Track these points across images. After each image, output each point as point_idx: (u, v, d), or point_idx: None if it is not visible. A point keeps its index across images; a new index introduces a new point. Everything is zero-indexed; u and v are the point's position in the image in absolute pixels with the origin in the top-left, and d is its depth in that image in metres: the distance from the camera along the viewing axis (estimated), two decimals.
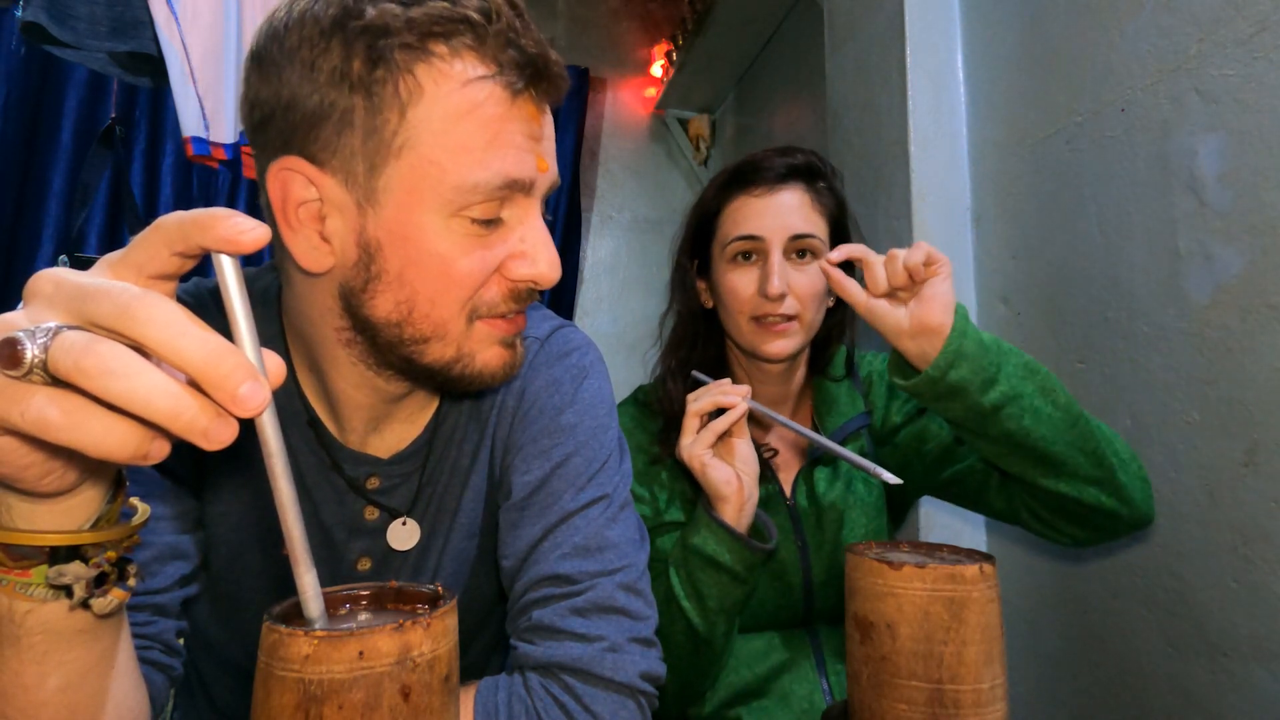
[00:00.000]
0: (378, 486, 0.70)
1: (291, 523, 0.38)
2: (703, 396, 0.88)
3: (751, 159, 1.02)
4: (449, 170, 0.54)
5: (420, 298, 0.57)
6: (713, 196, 1.05)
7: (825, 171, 1.03)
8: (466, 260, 0.57)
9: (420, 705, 0.38)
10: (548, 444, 0.70)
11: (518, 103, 0.56)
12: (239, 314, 0.34)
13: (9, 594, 0.40)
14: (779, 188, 1.00)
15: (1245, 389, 0.91)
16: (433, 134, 0.53)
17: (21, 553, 0.39)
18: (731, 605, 0.86)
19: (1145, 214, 1.05)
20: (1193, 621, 0.98)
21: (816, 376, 1.11)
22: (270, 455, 0.37)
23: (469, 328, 0.60)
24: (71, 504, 0.39)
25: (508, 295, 0.60)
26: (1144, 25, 1.06)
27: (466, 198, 0.55)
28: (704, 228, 1.07)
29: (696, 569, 0.86)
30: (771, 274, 0.96)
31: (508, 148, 0.55)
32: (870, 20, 1.53)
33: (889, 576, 0.53)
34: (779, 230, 0.98)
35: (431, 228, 0.55)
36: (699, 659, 0.88)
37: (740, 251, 1.00)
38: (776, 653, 0.98)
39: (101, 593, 0.41)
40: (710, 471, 0.86)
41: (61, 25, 1.55)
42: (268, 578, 0.67)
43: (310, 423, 0.68)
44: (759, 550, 0.85)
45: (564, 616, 0.62)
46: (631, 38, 3.39)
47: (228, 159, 1.72)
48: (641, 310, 3.40)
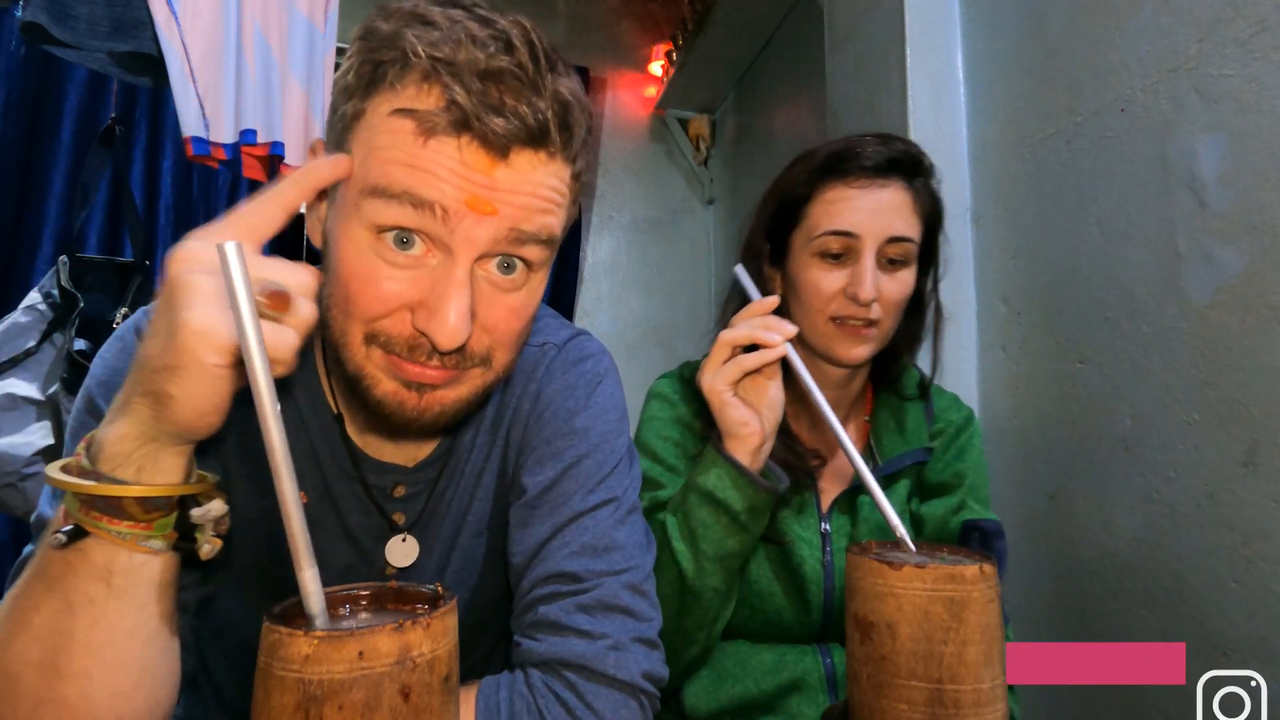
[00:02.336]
0: (404, 494, 0.71)
1: (293, 521, 0.38)
2: (739, 326, 0.79)
3: (850, 145, 0.92)
4: (360, 176, 0.55)
5: (335, 303, 0.58)
6: (803, 180, 0.94)
7: (926, 167, 0.95)
8: (366, 278, 0.55)
9: (420, 705, 0.38)
10: (560, 446, 0.71)
11: (441, 142, 0.53)
12: (241, 298, 0.38)
13: (130, 548, 0.47)
14: (880, 182, 0.90)
15: (1245, 389, 0.91)
16: (359, 139, 0.56)
17: (154, 505, 0.46)
18: (727, 554, 0.80)
19: (1145, 214, 1.05)
20: (1193, 621, 0.98)
21: (882, 390, 1.03)
22: (273, 451, 0.37)
23: (367, 349, 0.57)
24: (187, 459, 0.48)
25: (406, 340, 0.56)
26: (1144, 25, 1.06)
27: (370, 200, 0.54)
28: (787, 213, 0.96)
29: (695, 506, 0.80)
30: (864, 277, 0.88)
31: (420, 171, 0.53)
32: (870, 20, 1.53)
33: (889, 576, 0.53)
34: (877, 230, 0.89)
35: (346, 232, 0.56)
36: (684, 617, 0.81)
37: (831, 248, 0.91)
38: (787, 670, 0.92)
39: (208, 537, 0.50)
40: (729, 410, 0.79)
41: (61, 25, 1.55)
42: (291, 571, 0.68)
43: (340, 435, 0.69)
44: (765, 488, 0.79)
45: (569, 613, 0.63)
46: (631, 38, 3.39)
47: (228, 159, 1.72)
48: (641, 310, 3.40)
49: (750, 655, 0.93)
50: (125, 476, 0.45)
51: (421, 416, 0.59)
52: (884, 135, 0.94)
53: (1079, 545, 1.18)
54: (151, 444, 0.46)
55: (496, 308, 0.58)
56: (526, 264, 0.58)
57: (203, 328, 0.41)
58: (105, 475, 0.45)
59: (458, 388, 0.60)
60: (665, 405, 1.01)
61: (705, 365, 0.81)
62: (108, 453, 0.45)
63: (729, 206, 3.36)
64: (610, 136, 3.38)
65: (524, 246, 0.57)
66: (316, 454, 0.68)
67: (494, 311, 0.58)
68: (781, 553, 0.93)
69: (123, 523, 0.46)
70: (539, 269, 0.60)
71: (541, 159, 0.56)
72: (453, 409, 0.60)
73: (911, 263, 0.93)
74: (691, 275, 3.48)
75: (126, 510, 0.45)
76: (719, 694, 0.91)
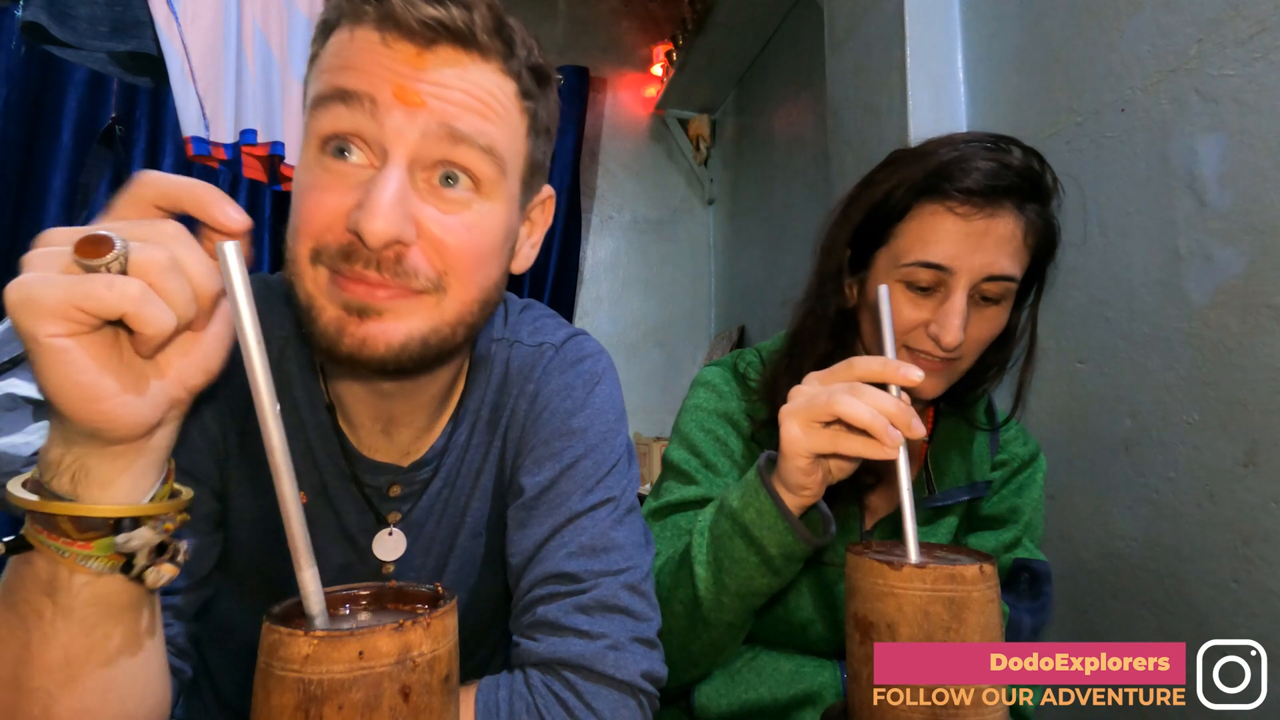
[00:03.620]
0: (400, 494, 0.71)
1: (292, 521, 0.38)
2: (861, 408, 0.61)
3: (958, 160, 0.78)
4: (307, 100, 0.58)
5: (290, 232, 0.58)
6: (900, 194, 0.81)
7: (1045, 188, 0.81)
8: (310, 193, 0.56)
9: (420, 705, 0.38)
10: (558, 446, 0.71)
11: (368, 38, 0.55)
12: (240, 297, 0.37)
13: (70, 566, 0.43)
14: (990, 210, 0.77)
15: (1245, 389, 0.91)
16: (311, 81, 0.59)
17: (89, 524, 0.42)
18: (749, 593, 0.72)
19: (1145, 214, 1.05)
20: (1193, 622, 0.97)
21: (950, 413, 0.94)
22: (273, 451, 0.37)
23: (314, 271, 0.56)
24: (134, 473, 0.43)
25: (342, 248, 0.54)
26: (1144, 25, 1.06)
27: (312, 116, 0.56)
28: (877, 224, 0.84)
29: (726, 536, 0.71)
30: (952, 322, 0.77)
31: (349, 69, 0.55)
32: (870, 20, 1.53)
33: (889, 576, 0.53)
34: (976, 267, 0.78)
35: (302, 162, 0.57)
36: (691, 643, 0.76)
37: (919, 280, 0.79)
38: (804, 681, 0.88)
39: (156, 565, 0.45)
40: (796, 471, 0.67)
41: (61, 25, 1.55)
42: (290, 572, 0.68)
43: (335, 433, 0.69)
44: (807, 541, 0.69)
45: (568, 613, 0.63)
46: (631, 38, 3.40)
47: (228, 159, 1.72)
48: (641, 310, 3.40)
49: (768, 662, 0.90)
50: (60, 487, 0.42)
51: (362, 349, 0.55)
52: (998, 144, 0.80)
53: (1079, 545, 1.18)
54: (73, 449, 0.42)
55: (443, 222, 0.55)
56: (471, 179, 0.56)
57: (20, 297, 0.36)
58: (46, 486, 0.42)
59: (405, 319, 0.55)
60: (713, 396, 0.93)
61: (795, 401, 0.66)
62: (43, 460, 0.43)
63: (729, 206, 3.36)
64: (610, 136, 3.38)
65: (460, 149, 0.55)
66: (314, 454, 0.68)
67: (440, 224, 0.55)
68: (818, 568, 0.90)
69: (59, 539, 0.42)
70: (490, 192, 0.58)
71: (474, 59, 0.56)
72: (401, 343, 0.55)
73: (1008, 299, 0.83)
74: (691, 275, 3.49)
75: (60, 527, 0.42)
76: (731, 697, 0.89)
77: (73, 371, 0.38)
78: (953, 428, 0.94)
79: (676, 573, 0.75)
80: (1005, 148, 0.80)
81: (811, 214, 2.30)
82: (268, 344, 0.40)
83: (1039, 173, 0.80)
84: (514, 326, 0.76)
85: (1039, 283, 0.87)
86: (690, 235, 3.50)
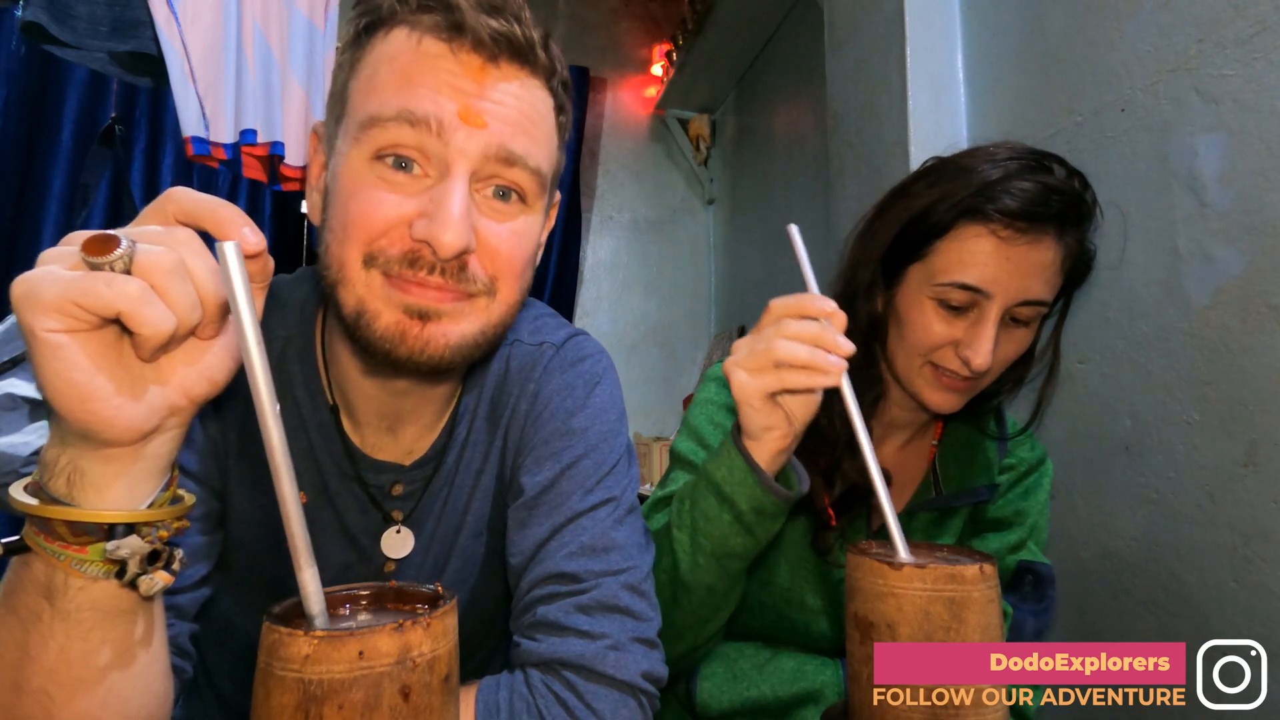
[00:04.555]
0: (402, 493, 0.71)
1: (292, 521, 0.38)
2: (789, 336, 0.65)
3: (1005, 178, 0.77)
4: (359, 107, 0.58)
5: (334, 235, 0.59)
6: (943, 210, 0.79)
7: (1085, 212, 0.80)
8: (364, 198, 0.56)
9: (420, 705, 0.38)
10: (558, 446, 0.71)
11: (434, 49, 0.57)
12: (240, 297, 0.37)
13: (65, 570, 0.43)
14: (1032, 236, 0.77)
15: (1245, 389, 0.91)
16: (358, 83, 0.59)
17: (82, 529, 0.42)
18: (725, 553, 0.73)
19: (1145, 214, 1.05)
20: (1193, 622, 0.98)
21: (958, 419, 0.95)
22: (273, 451, 0.37)
23: (367, 275, 0.57)
24: (130, 479, 0.43)
25: (406, 254, 0.56)
26: (1144, 25, 1.06)
27: (368, 131, 0.57)
28: (913, 238, 0.82)
29: (701, 495, 0.74)
30: (982, 345, 0.78)
31: (416, 86, 0.56)
32: (870, 20, 1.53)
33: (889, 576, 0.53)
34: (1012, 292, 0.77)
35: (347, 167, 0.58)
36: (674, 610, 0.76)
37: (953, 300, 0.79)
38: (806, 680, 0.88)
39: (149, 572, 0.45)
40: (755, 415, 0.69)
41: (61, 25, 1.55)
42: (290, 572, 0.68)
43: (337, 432, 0.69)
44: (777, 495, 0.70)
45: (568, 613, 0.63)
46: (631, 38, 3.40)
47: (228, 159, 1.72)
48: (641, 310, 3.40)
49: (770, 660, 0.91)
50: (57, 489, 0.42)
51: (424, 350, 0.57)
52: (1041, 162, 0.79)
53: (1079, 545, 1.18)
54: (68, 450, 0.42)
55: (497, 232, 0.59)
56: (520, 195, 0.60)
57: (23, 291, 0.37)
58: (44, 489, 0.42)
59: (462, 321, 0.59)
60: (723, 391, 0.94)
61: (738, 354, 0.69)
62: (42, 460, 0.43)
63: (729, 206, 3.36)
64: (610, 136, 3.38)
65: (513, 170, 0.59)
66: (315, 453, 0.68)
67: (495, 234, 0.59)
68: (823, 565, 0.91)
69: (55, 542, 0.42)
70: (533, 205, 0.62)
71: (527, 74, 0.59)
72: (456, 344, 0.59)
73: (1036, 320, 0.83)
74: (691, 275, 3.49)
75: (56, 530, 0.42)
76: (732, 694, 0.89)
77: (66, 368, 0.38)
78: (959, 430, 0.95)
79: (660, 542, 0.77)
80: (1048, 166, 0.79)
81: (811, 214, 2.31)
82: (268, 344, 0.40)
83: (1080, 195, 0.79)
84: (514, 325, 0.76)
85: (1065, 302, 0.87)
86: (690, 235, 3.50)
